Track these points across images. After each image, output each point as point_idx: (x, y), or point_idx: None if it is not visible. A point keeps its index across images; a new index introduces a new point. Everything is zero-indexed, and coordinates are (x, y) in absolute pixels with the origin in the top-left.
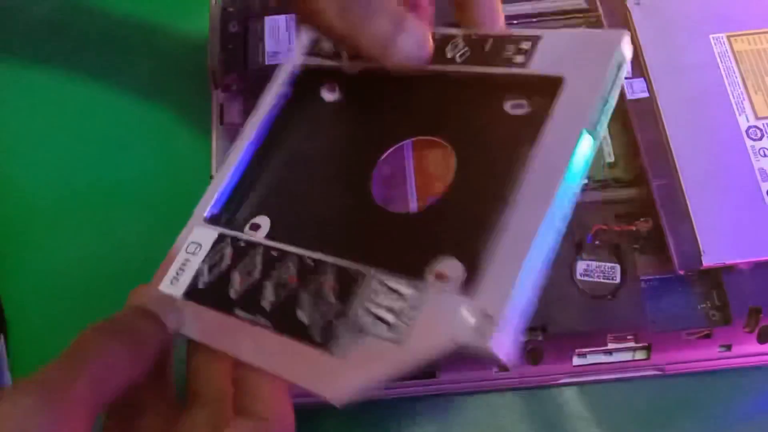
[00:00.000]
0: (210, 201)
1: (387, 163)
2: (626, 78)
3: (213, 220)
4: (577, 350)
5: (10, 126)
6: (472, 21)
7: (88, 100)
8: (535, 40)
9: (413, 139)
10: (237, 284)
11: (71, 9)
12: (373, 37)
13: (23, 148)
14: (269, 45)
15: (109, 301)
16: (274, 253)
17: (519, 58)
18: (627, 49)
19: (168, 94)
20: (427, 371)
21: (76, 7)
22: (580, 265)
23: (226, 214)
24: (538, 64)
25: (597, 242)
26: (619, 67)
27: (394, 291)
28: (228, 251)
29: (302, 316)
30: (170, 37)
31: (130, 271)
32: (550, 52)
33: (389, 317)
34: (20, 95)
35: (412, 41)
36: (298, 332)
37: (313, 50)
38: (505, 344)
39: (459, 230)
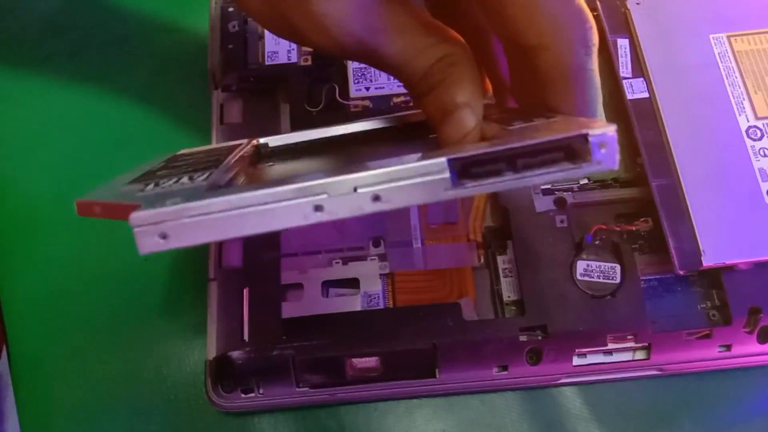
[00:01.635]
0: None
1: None
2: (626, 78)
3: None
4: (576, 350)
5: (9, 126)
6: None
7: (88, 100)
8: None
9: None
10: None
11: (71, 9)
12: (447, 103)
13: (23, 149)
14: (269, 45)
15: (109, 302)
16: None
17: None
18: (600, 148)
19: (168, 94)
20: (427, 371)
21: (76, 7)
22: (580, 265)
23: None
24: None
25: (597, 242)
26: (573, 157)
27: None
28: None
29: None
30: (170, 37)
31: (131, 273)
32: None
33: None
34: (19, 96)
35: (464, 131)
36: None
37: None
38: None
39: None
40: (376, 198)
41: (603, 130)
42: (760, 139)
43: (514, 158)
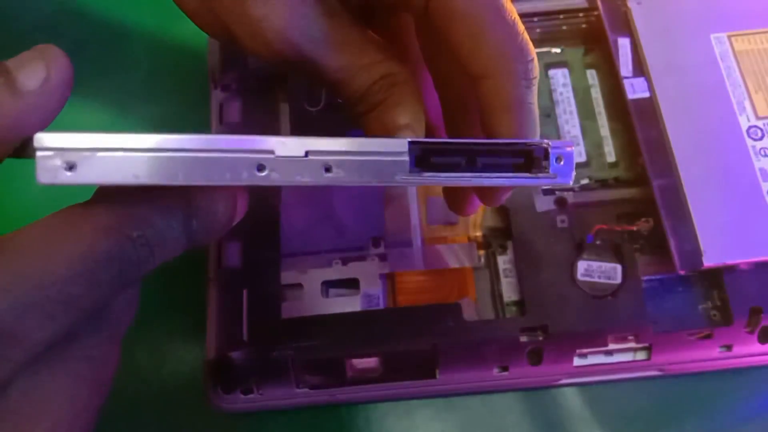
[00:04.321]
0: None
1: None
2: (627, 77)
3: None
4: (577, 351)
5: None
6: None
7: (88, 100)
8: None
9: None
10: None
11: (71, 9)
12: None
13: None
14: None
15: None
16: None
17: None
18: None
19: (168, 94)
20: (427, 372)
21: (76, 7)
22: (581, 265)
23: None
24: None
25: (598, 242)
26: (531, 165)
27: None
28: None
29: None
30: (170, 36)
31: None
32: None
33: None
34: None
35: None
36: None
37: None
38: None
39: None
40: (327, 168)
41: (562, 144)
42: (761, 138)
43: (475, 155)
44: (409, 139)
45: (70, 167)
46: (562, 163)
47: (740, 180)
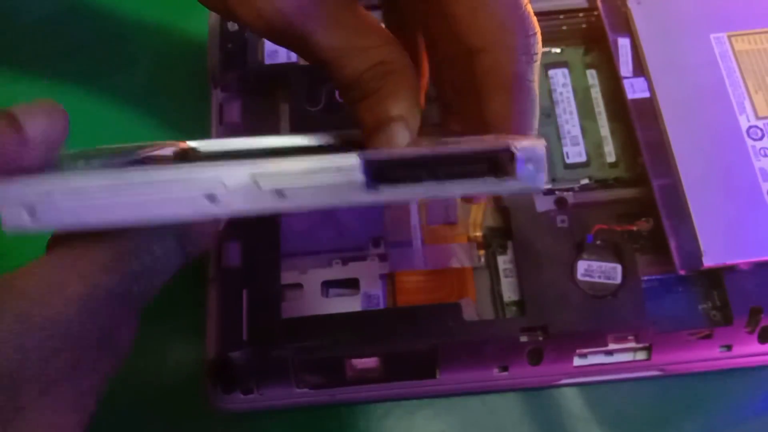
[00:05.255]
0: None
1: None
2: (626, 77)
3: None
4: (577, 351)
5: None
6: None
7: (88, 100)
8: None
9: None
10: None
11: (71, 9)
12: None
13: None
14: (269, 44)
15: None
16: None
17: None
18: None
19: (167, 94)
20: (428, 372)
21: (76, 7)
22: (581, 265)
23: None
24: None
25: (598, 242)
26: (497, 170)
27: None
28: None
29: None
30: (170, 36)
31: None
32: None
33: None
34: (19, 96)
35: (395, 146)
36: None
37: None
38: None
39: None
40: (280, 194)
41: (531, 145)
42: (761, 138)
43: (435, 165)
44: (362, 158)
45: (31, 214)
46: (531, 166)
47: (740, 180)
